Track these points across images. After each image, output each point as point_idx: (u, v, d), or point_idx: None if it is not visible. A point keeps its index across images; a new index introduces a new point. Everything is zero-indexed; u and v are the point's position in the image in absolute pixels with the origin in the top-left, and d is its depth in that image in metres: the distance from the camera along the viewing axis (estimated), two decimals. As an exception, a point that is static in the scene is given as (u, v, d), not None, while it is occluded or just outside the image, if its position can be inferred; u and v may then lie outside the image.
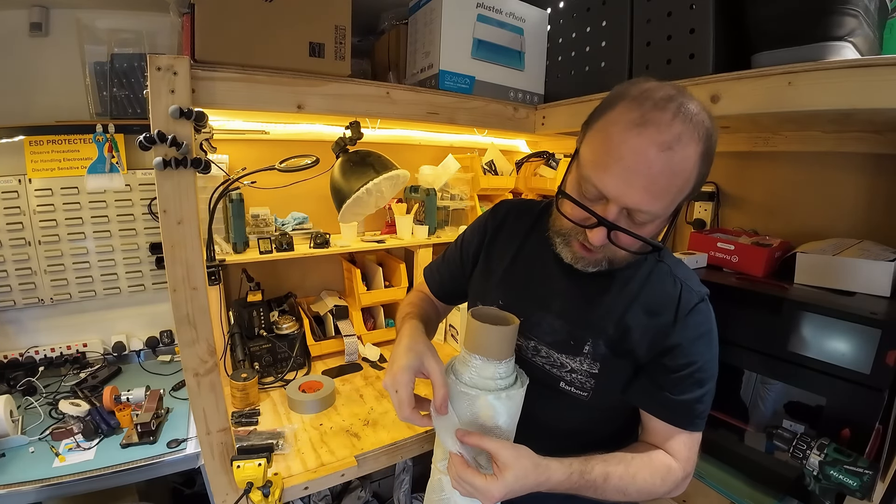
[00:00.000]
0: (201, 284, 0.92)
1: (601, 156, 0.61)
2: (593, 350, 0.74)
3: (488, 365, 0.65)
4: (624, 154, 0.58)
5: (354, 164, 1.11)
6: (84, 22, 1.41)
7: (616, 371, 0.74)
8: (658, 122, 0.57)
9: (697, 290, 0.74)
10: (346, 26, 1.05)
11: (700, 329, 0.72)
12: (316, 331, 1.67)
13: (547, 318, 0.78)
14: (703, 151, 0.60)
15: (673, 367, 0.71)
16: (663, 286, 0.74)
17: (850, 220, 1.22)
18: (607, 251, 0.67)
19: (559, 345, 0.76)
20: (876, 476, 0.81)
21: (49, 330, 1.52)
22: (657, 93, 0.60)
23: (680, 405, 0.72)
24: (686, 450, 0.74)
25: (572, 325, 0.75)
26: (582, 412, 0.79)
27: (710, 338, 0.73)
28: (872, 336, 0.84)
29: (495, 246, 0.89)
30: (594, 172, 0.61)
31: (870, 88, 0.70)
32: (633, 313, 0.73)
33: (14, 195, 1.39)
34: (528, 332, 0.79)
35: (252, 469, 0.95)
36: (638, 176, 0.58)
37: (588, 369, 0.75)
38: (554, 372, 0.77)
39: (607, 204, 0.61)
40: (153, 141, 0.83)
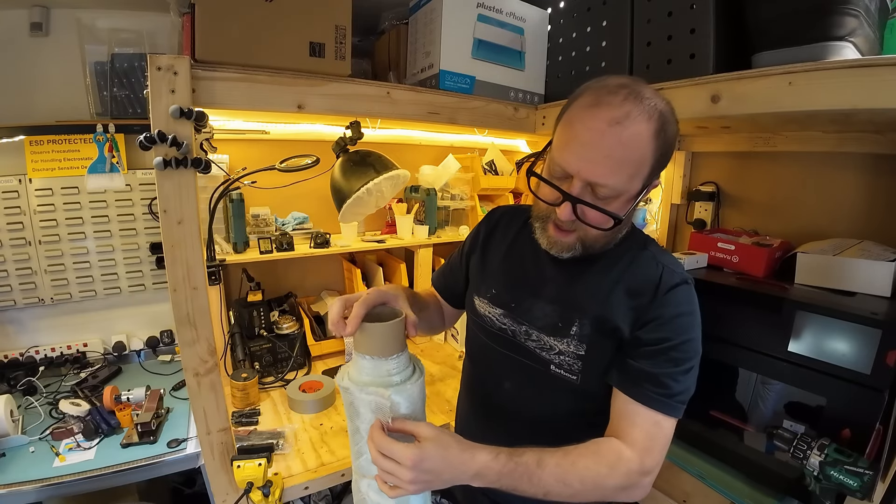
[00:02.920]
0: (201, 284, 0.92)
1: (564, 138, 0.68)
2: (580, 331, 0.76)
3: (380, 363, 0.64)
4: (579, 132, 0.66)
5: (355, 164, 1.11)
6: (84, 22, 1.41)
7: (601, 352, 0.75)
8: (609, 103, 0.64)
9: (680, 273, 0.76)
10: (347, 26, 1.05)
11: (679, 308, 0.72)
12: (316, 331, 1.67)
13: (538, 303, 0.81)
14: (657, 129, 0.64)
15: (646, 341, 0.71)
16: (645, 269, 0.76)
17: (851, 220, 1.22)
18: (579, 232, 0.71)
19: (549, 328, 0.79)
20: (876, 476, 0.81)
21: (49, 330, 1.52)
22: (612, 82, 0.67)
23: (643, 374, 0.69)
24: (644, 436, 0.68)
25: (561, 308, 0.78)
26: (572, 400, 0.79)
27: (690, 319, 0.72)
28: (873, 336, 0.84)
29: (490, 246, 0.93)
30: (558, 153, 0.68)
31: (870, 88, 0.70)
32: (616, 294, 0.75)
33: (14, 195, 1.40)
34: (521, 318, 0.82)
35: (252, 469, 0.95)
36: (592, 149, 0.65)
37: (575, 351, 0.76)
38: (544, 355, 0.79)
39: (572, 181, 0.67)
40: (153, 141, 0.83)
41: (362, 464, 0.68)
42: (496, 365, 0.87)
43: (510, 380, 0.85)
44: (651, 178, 0.69)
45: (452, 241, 1.80)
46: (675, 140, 0.69)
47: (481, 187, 1.83)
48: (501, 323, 0.85)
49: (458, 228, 1.81)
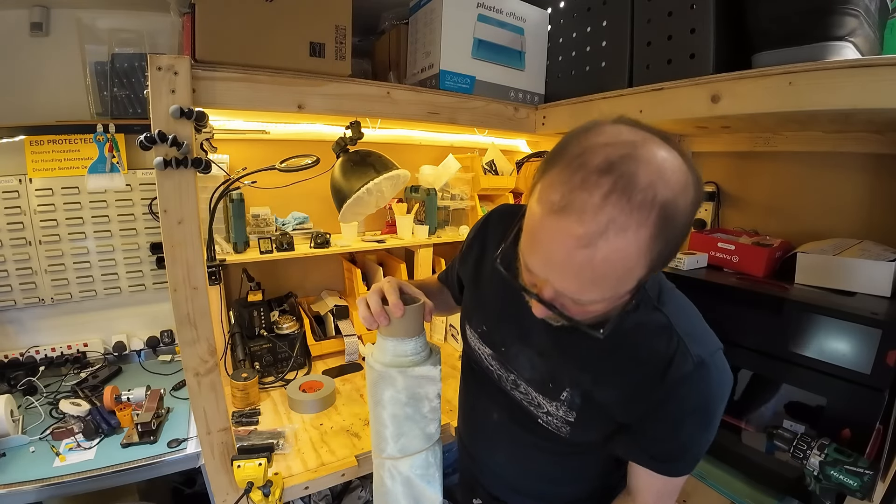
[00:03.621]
0: (202, 284, 0.92)
1: (527, 233, 0.52)
2: (570, 398, 0.67)
3: (400, 344, 0.69)
4: (542, 241, 0.50)
5: (355, 164, 1.11)
6: (85, 22, 1.41)
7: (593, 424, 0.68)
8: (581, 207, 0.45)
9: (696, 354, 0.60)
10: (347, 26, 1.05)
11: (690, 403, 0.60)
12: (316, 330, 1.67)
13: (525, 351, 0.72)
14: (653, 234, 0.46)
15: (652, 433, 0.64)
16: (653, 343, 0.61)
17: (851, 220, 1.22)
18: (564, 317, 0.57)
19: (537, 384, 0.71)
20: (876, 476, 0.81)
21: (50, 330, 1.52)
22: (596, 157, 0.46)
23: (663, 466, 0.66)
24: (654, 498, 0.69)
25: (552, 368, 0.69)
26: (561, 444, 0.74)
27: (703, 414, 0.61)
28: (873, 336, 0.84)
29: (484, 263, 0.81)
30: (524, 248, 0.54)
31: (870, 88, 0.70)
32: (612, 371, 0.64)
33: (15, 195, 1.40)
34: (509, 364, 0.75)
35: (252, 469, 0.95)
36: (559, 268, 0.49)
37: (564, 416, 0.69)
38: (531, 410, 0.73)
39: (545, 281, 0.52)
40: (154, 141, 0.83)
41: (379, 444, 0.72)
42: (486, 395, 0.82)
43: (499, 412, 0.81)
44: (650, 274, 0.52)
45: (452, 240, 1.80)
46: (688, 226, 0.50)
47: (481, 187, 1.83)
48: (489, 364, 0.79)
49: (458, 228, 1.81)
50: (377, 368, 0.68)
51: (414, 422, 0.70)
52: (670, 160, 0.47)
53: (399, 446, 0.71)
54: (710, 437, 0.64)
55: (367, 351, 1.68)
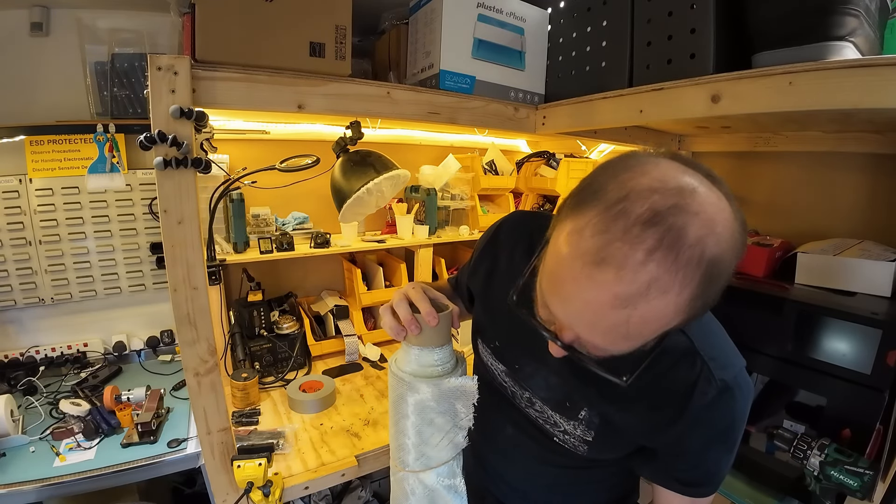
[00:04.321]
0: (202, 284, 0.92)
1: (551, 275, 0.47)
2: (588, 418, 0.65)
3: (426, 353, 0.65)
4: (571, 291, 0.44)
5: (355, 164, 1.11)
6: (85, 22, 1.41)
7: (613, 445, 0.67)
8: (621, 262, 0.40)
9: (720, 378, 0.57)
10: (347, 26, 1.05)
11: (714, 429, 0.59)
12: (316, 330, 1.67)
13: (542, 371, 0.69)
14: (697, 293, 0.42)
15: (678, 462, 0.63)
16: (676, 369, 0.58)
17: (851, 220, 1.22)
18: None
19: (554, 403, 0.68)
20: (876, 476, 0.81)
21: (50, 329, 1.52)
22: (640, 205, 0.41)
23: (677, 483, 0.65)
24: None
25: (570, 387, 0.66)
26: (577, 462, 0.73)
27: (728, 437, 0.60)
28: (873, 336, 0.84)
29: (495, 277, 0.78)
30: (546, 288, 0.48)
31: (870, 88, 0.70)
32: (633, 398, 0.60)
33: (15, 195, 1.40)
34: (523, 383, 0.72)
35: (252, 469, 0.95)
36: (588, 323, 0.45)
37: (582, 435, 0.67)
38: (547, 428, 0.71)
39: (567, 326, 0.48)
40: (154, 141, 0.83)
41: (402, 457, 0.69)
42: (499, 410, 0.79)
43: (513, 427, 0.78)
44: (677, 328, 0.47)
45: (452, 240, 1.80)
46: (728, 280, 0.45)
47: (481, 187, 1.83)
48: (502, 380, 0.76)
49: (459, 228, 1.81)
50: (405, 379, 0.64)
51: (444, 432, 0.66)
52: (721, 210, 0.43)
53: (424, 459, 0.67)
54: (734, 456, 0.63)
55: (366, 351, 1.68)
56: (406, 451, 0.67)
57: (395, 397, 0.66)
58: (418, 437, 0.66)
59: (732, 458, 0.63)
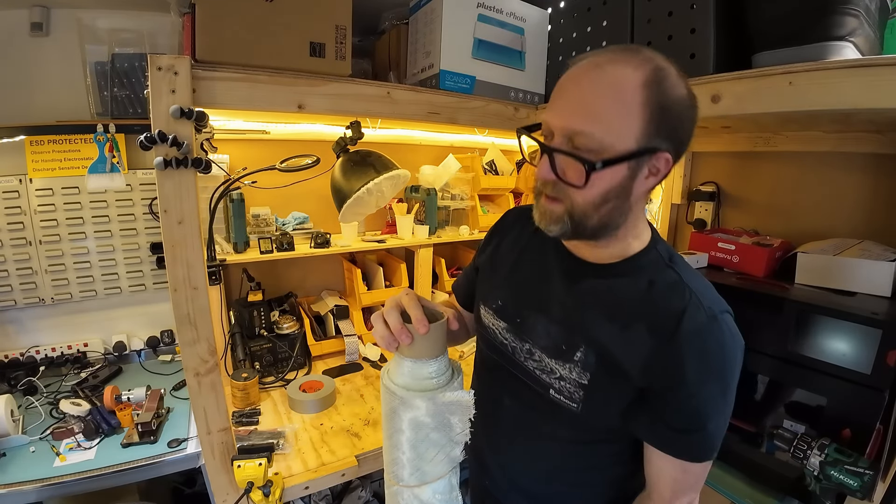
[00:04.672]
0: (202, 284, 0.92)
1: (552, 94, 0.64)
2: (584, 358, 0.67)
3: (421, 366, 0.62)
4: (562, 84, 0.61)
5: (355, 164, 1.11)
6: (85, 22, 1.41)
7: (608, 388, 0.67)
8: (595, 53, 0.60)
9: (708, 307, 0.62)
10: (347, 26, 1.05)
11: (705, 360, 0.61)
12: (316, 330, 1.67)
13: (542, 320, 0.73)
14: (647, 79, 0.56)
15: (671, 400, 0.63)
16: (666, 297, 0.63)
17: (851, 220, 1.22)
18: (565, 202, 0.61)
19: (551, 349, 0.72)
20: (876, 476, 0.81)
21: (50, 329, 1.52)
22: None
23: (683, 441, 0.64)
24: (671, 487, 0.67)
25: (567, 330, 0.70)
26: (573, 428, 0.73)
27: (719, 375, 0.62)
28: (873, 336, 0.84)
29: (501, 251, 0.86)
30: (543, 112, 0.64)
31: (871, 88, 0.70)
32: (629, 328, 0.64)
33: (15, 195, 1.40)
34: (524, 335, 0.75)
35: (252, 469, 0.95)
36: (570, 96, 0.60)
37: (577, 378, 0.68)
38: (544, 378, 0.72)
39: (553, 137, 0.61)
40: (154, 141, 0.83)
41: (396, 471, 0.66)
42: (497, 379, 0.81)
43: (510, 396, 0.80)
44: (649, 139, 0.57)
45: (453, 240, 1.80)
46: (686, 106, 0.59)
47: (481, 187, 1.83)
48: (503, 338, 0.79)
49: (459, 228, 1.81)
50: (399, 393, 0.61)
51: (439, 447, 0.63)
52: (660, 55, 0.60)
53: (420, 474, 0.64)
54: (727, 411, 0.63)
55: (367, 351, 1.68)
56: (401, 465, 0.65)
57: (387, 410, 0.64)
58: (413, 451, 0.63)
59: (726, 411, 0.63)
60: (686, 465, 0.65)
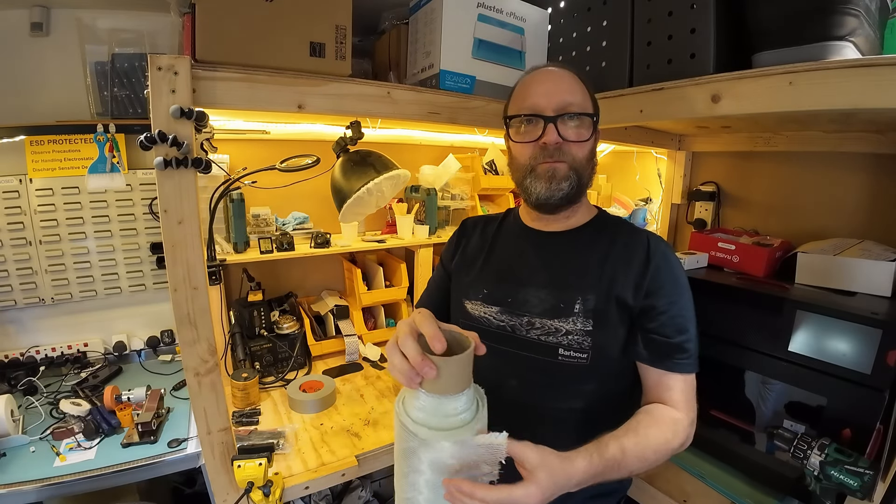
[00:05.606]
0: (202, 284, 0.92)
1: (521, 94, 0.83)
2: (584, 307, 0.79)
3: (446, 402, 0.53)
4: (534, 82, 0.81)
5: (355, 164, 1.11)
6: (85, 22, 1.41)
7: (611, 324, 0.78)
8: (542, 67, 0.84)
9: (661, 239, 0.83)
10: (347, 26, 1.05)
11: (674, 268, 0.80)
12: (316, 330, 1.67)
13: (531, 291, 0.83)
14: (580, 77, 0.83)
15: (659, 308, 0.77)
16: (631, 235, 0.83)
17: (851, 220, 1.22)
18: (567, 157, 0.78)
19: (550, 311, 0.81)
20: (876, 476, 0.81)
21: (50, 329, 1.52)
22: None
23: (669, 346, 0.76)
24: (684, 396, 0.77)
25: (559, 290, 0.81)
26: (584, 384, 0.80)
27: (683, 275, 0.81)
28: (873, 336, 0.84)
29: (469, 250, 0.97)
30: (524, 102, 0.81)
31: (871, 88, 0.70)
32: (610, 263, 0.80)
33: (15, 195, 1.40)
34: (519, 310, 0.83)
35: (253, 468, 0.95)
36: (551, 83, 0.80)
37: (583, 327, 0.78)
38: (550, 340, 0.80)
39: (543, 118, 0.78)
40: (154, 141, 0.83)
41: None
42: (498, 364, 0.83)
43: (515, 377, 0.84)
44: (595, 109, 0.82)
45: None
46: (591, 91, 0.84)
47: (482, 187, 1.83)
48: (499, 321, 0.85)
49: (459, 228, 1.81)
50: (420, 434, 0.52)
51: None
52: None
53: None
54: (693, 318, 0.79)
55: (367, 351, 1.68)
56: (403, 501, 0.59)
57: (404, 448, 0.55)
58: (433, 492, 0.55)
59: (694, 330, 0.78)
60: (688, 378, 0.77)
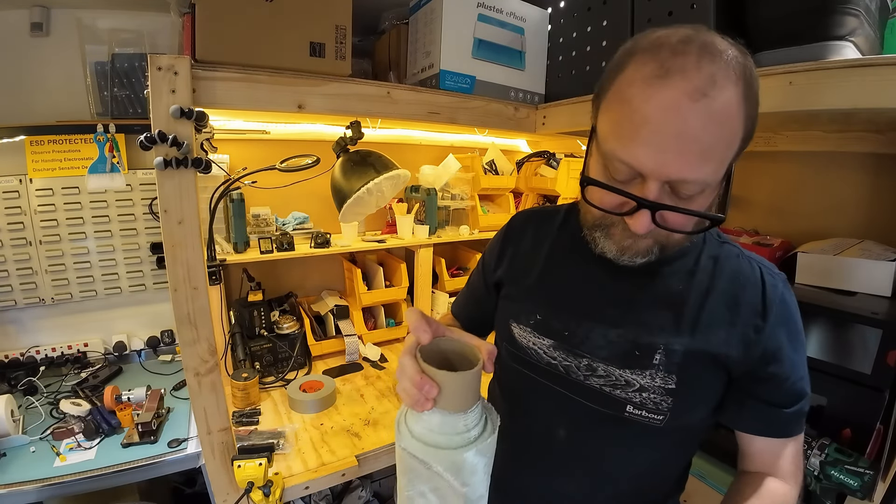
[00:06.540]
0: (202, 284, 0.92)
1: (623, 125, 0.50)
2: (666, 359, 0.59)
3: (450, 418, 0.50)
4: (650, 115, 0.47)
5: (355, 164, 1.11)
6: (85, 22, 1.41)
7: (700, 384, 0.60)
8: (682, 67, 0.46)
9: (778, 273, 0.62)
10: (347, 26, 1.05)
11: (797, 323, 0.61)
12: (317, 330, 1.67)
13: (597, 328, 0.63)
14: (745, 90, 0.48)
15: (780, 375, 0.59)
16: (738, 270, 0.61)
17: (851, 219, 1.22)
18: (657, 235, 0.55)
19: (620, 359, 0.62)
20: (877, 476, 0.82)
21: (50, 329, 1.52)
22: (672, 37, 0.49)
23: (786, 417, 0.61)
24: (794, 463, 0.64)
25: (635, 333, 0.61)
26: (651, 443, 0.64)
27: (800, 329, 0.62)
28: (873, 336, 0.84)
29: (518, 260, 0.76)
30: (619, 146, 0.50)
31: (871, 88, 0.70)
32: (710, 307, 0.59)
33: (15, 195, 1.40)
34: (577, 349, 0.65)
35: (253, 468, 0.95)
36: (673, 138, 0.47)
37: (662, 385, 0.59)
38: (618, 394, 0.62)
39: (644, 181, 0.50)
40: (154, 141, 0.83)
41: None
42: (543, 407, 0.70)
43: (564, 427, 0.68)
44: (740, 153, 0.52)
45: (453, 240, 1.80)
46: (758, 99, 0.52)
47: (482, 187, 1.83)
48: (550, 357, 0.67)
49: (459, 228, 1.81)
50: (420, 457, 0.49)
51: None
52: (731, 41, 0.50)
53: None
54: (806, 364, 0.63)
55: (367, 351, 1.68)
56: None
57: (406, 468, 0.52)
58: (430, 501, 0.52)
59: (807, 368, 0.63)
60: (798, 439, 0.64)
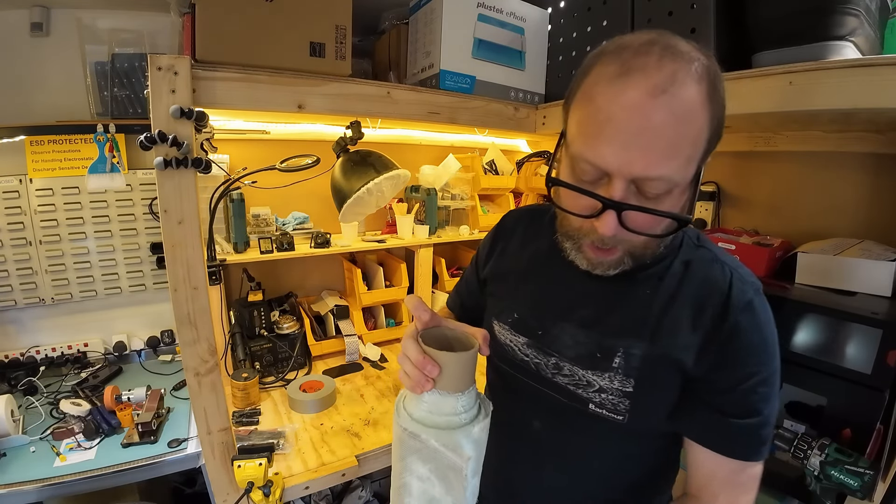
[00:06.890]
0: (202, 284, 0.92)
1: (588, 124, 0.51)
2: (625, 363, 0.60)
3: (447, 399, 0.53)
4: (613, 112, 0.48)
5: (355, 164, 1.11)
6: (85, 22, 1.41)
7: (656, 388, 0.60)
8: (644, 66, 0.47)
9: (751, 281, 0.59)
10: (347, 26, 1.05)
11: (761, 332, 0.57)
12: (317, 330, 1.67)
13: (567, 328, 0.65)
14: (708, 90, 0.48)
15: (731, 382, 0.57)
16: (708, 275, 0.59)
17: (852, 219, 1.22)
18: (625, 244, 0.55)
19: (584, 359, 0.63)
20: (877, 476, 0.82)
21: (50, 329, 1.52)
22: (636, 40, 0.50)
23: (740, 431, 0.58)
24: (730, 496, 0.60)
25: (600, 335, 0.63)
26: (623, 437, 0.66)
27: (772, 341, 0.58)
28: (873, 336, 0.84)
29: (506, 258, 0.78)
30: (585, 146, 0.51)
31: (871, 88, 0.70)
32: (673, 313, 0.59)
33: (15, 195, 1.40)
34: (547, 347, 0.67)
35: (253, 468, 0.95)
36: (635, 135, 0.47)
37: (620, 387, 0.61)
38: (580, 393, 0.64)
39: (610, 181, 0.50)
40: (154, 141, 0.83)
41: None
42: (521, 399, 0.72)
43: (539, 418, 0.71)
44: (707, 155, 0.53)
45: (453, 240, 1.80)
46: (724, 103, 0.52)
47: (482, 187, 1.83)
48: (524, 354, 0.70)
49: (459, 228, 1.81)
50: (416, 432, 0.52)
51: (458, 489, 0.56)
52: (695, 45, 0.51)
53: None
54: (776, 392, 0.58)
55: (367, 351, 1.68)
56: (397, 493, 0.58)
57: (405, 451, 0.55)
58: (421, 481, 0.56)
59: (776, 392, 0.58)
60: (743, 465, 0.59)
